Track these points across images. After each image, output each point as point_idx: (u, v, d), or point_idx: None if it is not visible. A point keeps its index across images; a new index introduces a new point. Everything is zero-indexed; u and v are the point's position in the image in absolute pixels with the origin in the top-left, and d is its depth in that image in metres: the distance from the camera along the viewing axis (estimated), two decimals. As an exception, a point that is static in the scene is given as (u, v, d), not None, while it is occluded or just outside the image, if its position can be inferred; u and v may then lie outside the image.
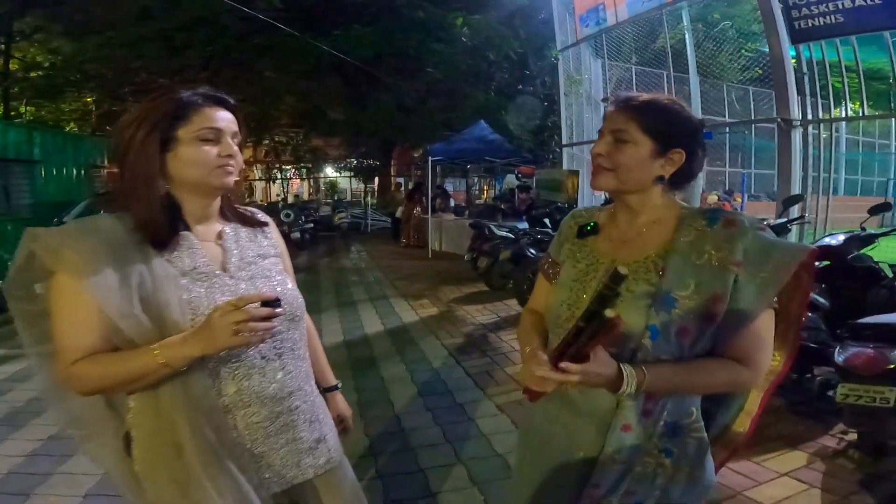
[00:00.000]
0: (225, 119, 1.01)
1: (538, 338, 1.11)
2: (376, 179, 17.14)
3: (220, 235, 1.07)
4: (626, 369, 0.88)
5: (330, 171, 24.59)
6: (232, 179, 1.02)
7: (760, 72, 8.35)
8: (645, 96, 1.01)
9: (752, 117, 11.78)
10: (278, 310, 0.92)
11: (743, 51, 8.93)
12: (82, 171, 8.97)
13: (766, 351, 0.95)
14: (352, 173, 21.10)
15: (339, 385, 1.36)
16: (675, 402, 0.98)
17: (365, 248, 11.68)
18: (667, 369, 0.92)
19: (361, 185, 20.24)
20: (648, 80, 8.55)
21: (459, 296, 6.51)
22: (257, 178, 23.96)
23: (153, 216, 0.95)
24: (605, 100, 9.00)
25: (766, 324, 0.94)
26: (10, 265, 0.94)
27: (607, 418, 0.98)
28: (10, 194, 7.01)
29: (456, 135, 11.08)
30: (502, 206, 12.23)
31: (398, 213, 12.04)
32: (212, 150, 0.98)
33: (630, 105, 1.00)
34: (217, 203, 1.08)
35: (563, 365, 0.85)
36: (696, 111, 7.23)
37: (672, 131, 0.98)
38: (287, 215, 11.43)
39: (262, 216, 1.19)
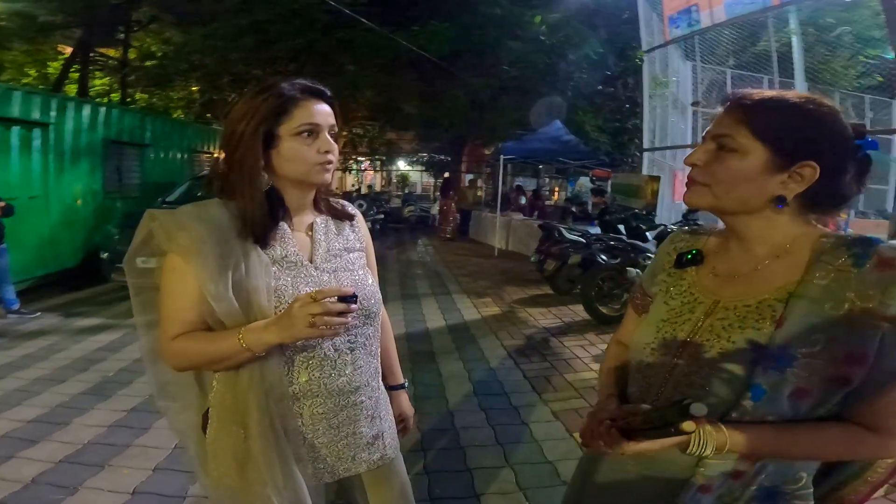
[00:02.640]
0: (322, 113, 1.03)
1: (615, 381, 0.99)
2: (446, 174, 17.29)
3: (310, 227, 1.11)
4: (702, 430, 0.72)
5: (402, 165, 25.18)
6: (329, 177, 1.05)
7: (881, 79, 7.48)
8: (767, 93, 0.79)
9: (868, 127, 10.61)
10: (353, 305, 0.93)
11: (860, 57, 8.04)
12: (185, 155, 9.82)
13: None
14: (423, 167, 21.45)
15: (406, 385, 1.37)
16: (781, 464, 0.81)
17: (431, 242, 11.85)
18: (764, 432, 0.75)
19: (431, 180, 20.55)
20: (747, 85, 7.92)
21: (523, 297, 6.43)
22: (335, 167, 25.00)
23: (255, 210, 1.00)
24: (695, 104, 8.48)
25: None
26: (115, 238, 1.03)
27: (683, 476, 0.83)
28: (123, 174, 7.81)
29: (529, 134, 10.91)
30: (574, 209, 11.93)
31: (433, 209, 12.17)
32: (310, 148, 1.01)
33: (741, 104, 0.79)
34: (312, 195, 1.12)
35: (627, 444, 0.77)
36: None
37: (801, 137, 0.75)
38: (360, 205, 11.86)
39: (351, 210, 1.22)
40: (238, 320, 0.96)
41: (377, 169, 25.49)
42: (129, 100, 12.88)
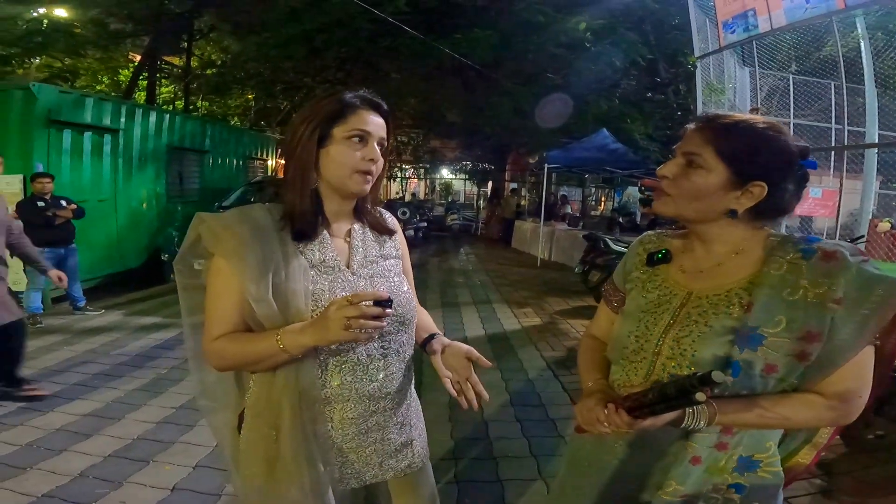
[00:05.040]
0: (375, 123, 1.05)
1: (599, 370, 1.07)
2: (490, 183, 17.24)
3: (349, 233, 1.12)
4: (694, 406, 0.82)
5: (446, 173, 25.34)
6: (367, 186, 1.07)
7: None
8: (735, 116, 0.90)
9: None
10: (388, 310, 0.94)
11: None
12: (240, 161, 10.29)
13: (863, 389, 0.86)
14: (466, 176, 21.51)
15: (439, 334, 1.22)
16: (753, 434, 0.92)
17: (474, 250, 11.84)
18: (742, 405, 0.86)
19: (475, 189, 20.56)
20: (811, 91, 7.49)
21: (565, 308, 6.32)
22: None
23: (302, 207, 1.03)
24: (754, 110, 8.09)
25: (864, 360, 0.85)
26: (175, 240, 1.10)
27: (673, 450, 0.93)
28: (184, 179, 8.27)
29: (575, 142, 10.74)
30: (621, 220, 11.62)
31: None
32: (356, 153, 1.03)
33: (710, 126, 0.90)
34: (351, 205, 1.14)
35: (634, 422, 0.84)
36: (872, 125, 6.20)
37: (756, 160, 0.87)
38: (403, 213, 12.01)
39: (390, 219, 1.23)
40: (276, 322, 0.98)
41: (421, 177, 25.78)
42: (191, 107, 13.53)
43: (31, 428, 2.86)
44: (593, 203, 17.76)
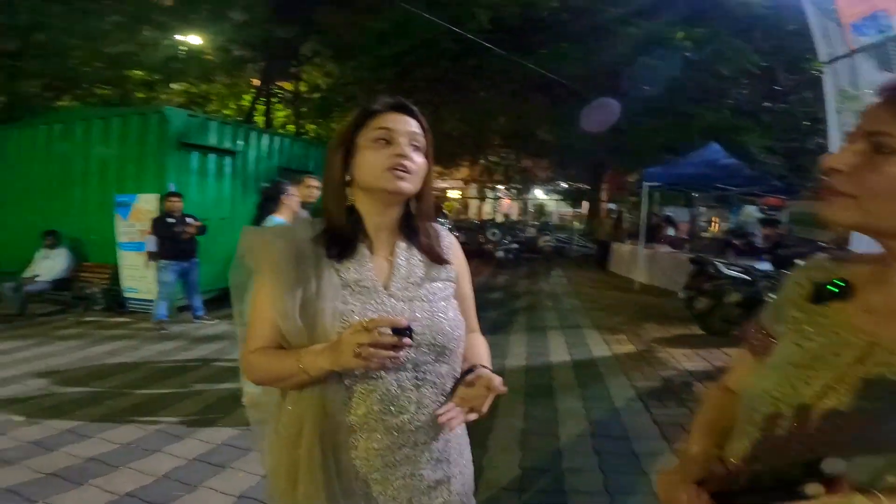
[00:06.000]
0: (400, 121, 1.00)
1: (715, 433, 0.82)
2: (585, 204, 16.57)
3: (391, 251, 1.05)
4: (843, 499, 0.54)
5: (538, 193, 24.86)
6: (406, 185, 0.98)
7: None
8: None
9: None
10: (406, 339, 0.86)
11: None
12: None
13: None
14: (560, 196, 20.89)
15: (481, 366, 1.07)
16: None
17: (566, 273, 11.38)
18: None
19: (569, 209, 19.92)
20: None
21: (664, 336, 5.80)
22: (471, 195, 25.75)
23: (338, 224, 1.00)
24: None
25: None
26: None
27: None
28: (292, 199, 8.96)
29: (679, 158, 9.95)
30: (735, 242, 10.46)
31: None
32: (383, 152, 0.97)
33: None
34: (396, 215, 1.05)
35: None
36: None
37: None
38: (493, 234, 11.95)
39: (445, 237, 1.13)
40: (302, 341, 0.94)
41: (513, 197, 25.57)
42: (301, 130, 14.63)
43: (135, 427, 3.14)
44: (704, 224, 16.26)
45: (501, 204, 25.75)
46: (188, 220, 5.79)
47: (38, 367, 4.23)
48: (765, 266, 6.24)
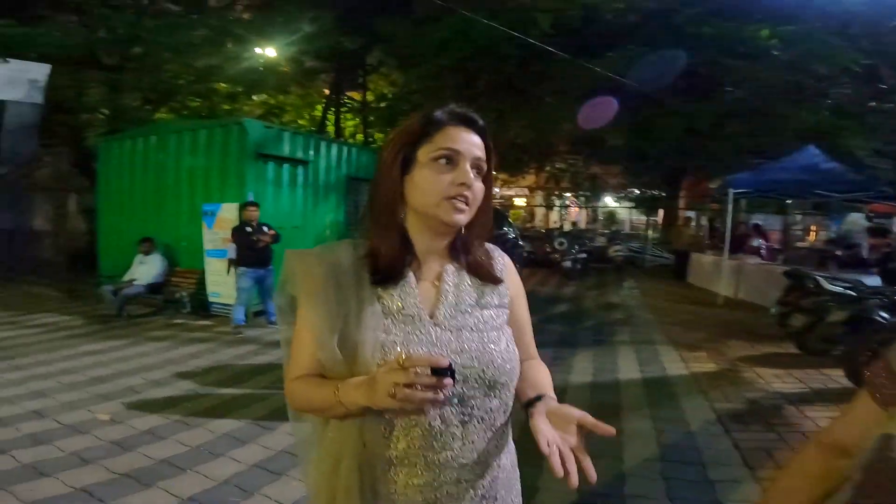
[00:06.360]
0: (467, 141, 0.90)
1: (805, 494, 0.69)
2: (660, 212, 15.61)
3: (439, 276, 0.96)
4: None
5: (609, 201, 23.84)
6: (463, 217, 0.90)
7: None
8: None
9: None
10: (447, 380, 0.77)
11: None
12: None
13: None
14: (632, 204, 19.85)
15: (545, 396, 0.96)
16: None
17: (639, 285, 10.77)
18: None
19: (643, 217, 18.87)
20: None
21: (751, 354, 5.32)
22: (537, 204, 25.21)
23: (387, 247, 0.92)
24: None
25: None
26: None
27: None
28: (359, 207, 9.23)
29: (769, 162, 9.11)
30: (838, 253, 9.38)
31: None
32: (445, 177, 0.88)
33: None
34: (446, 240, 0.97)
35: None
36: None
37: None
38: (560, 243, 11.56)
39: (499, 259, 1.04)
40: (340, 372, 0.89)
41: (582, 205, 24.70)
42: (369, 139, 15.05)
43: (205, 431, 3.28)
44: (798, 233, 14.75)
45: (569, 212, 24.99)
46: (264, 228, 6.09)
47: (128, 368, 4.57)
48: (873, 281, 5.54)
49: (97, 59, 10.70)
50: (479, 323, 0.94)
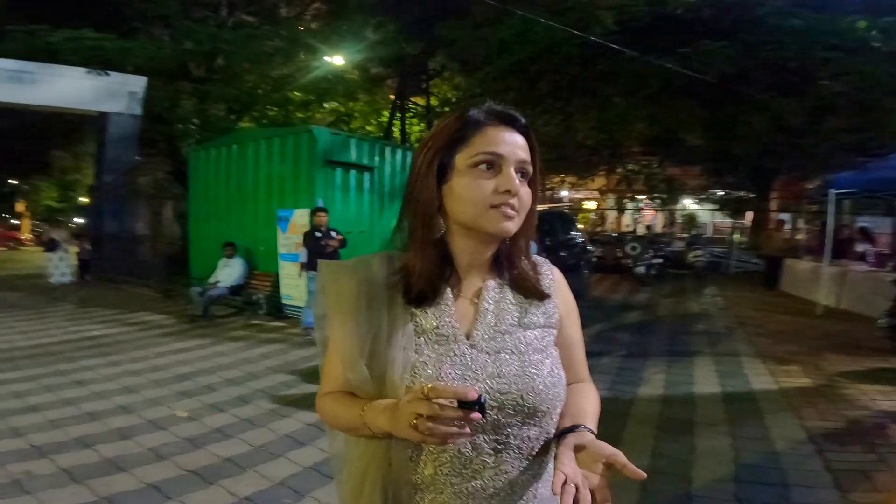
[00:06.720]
0: (509, 143, 0.82)
1: None
2: (748, 214, 14.35)
3: (479, 292, 0.89)
4: None
5: (688, 203, 22.26)
6: (511, 225, 0.82)
7: None
8: None
9: None
10: (475, 415, 0.69)
11: None
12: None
13: None
14: (715, 206, 18.37)
15: (585, 427, 0.87)
16: None
17: (723, 292, 9.96)
18: None
19: (727, 220, 17.41)
20: None
21: (854, 369, 4.76)
22: (608, 207, 24.14)
23: (424, 264, 0.84)
24: None
25: None
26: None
27: None
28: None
29: (877, 160, 8.11)
30: (964, 261, 8.13)
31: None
32: (487, 184, 0.81)
33: None
34: (489, 252, 0.89)
35: None
36: None
37: None
38: (633, 248, 10.98)
39: (547, 273, 0.95)
40: (369, 391, 0.84)
41: (657, 208, 23.34)
42: None
43: (268, 431, 3.38)
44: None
45: (643, 215, 23.68)
46: (332, 233, 6.30)
47: (208, 366, 4.86)
48: None
49: (188, 72, 11.71)
50: (520, 345, 0.86)
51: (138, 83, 11.07)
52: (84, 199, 18.09)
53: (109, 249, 11.30)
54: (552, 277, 0.94)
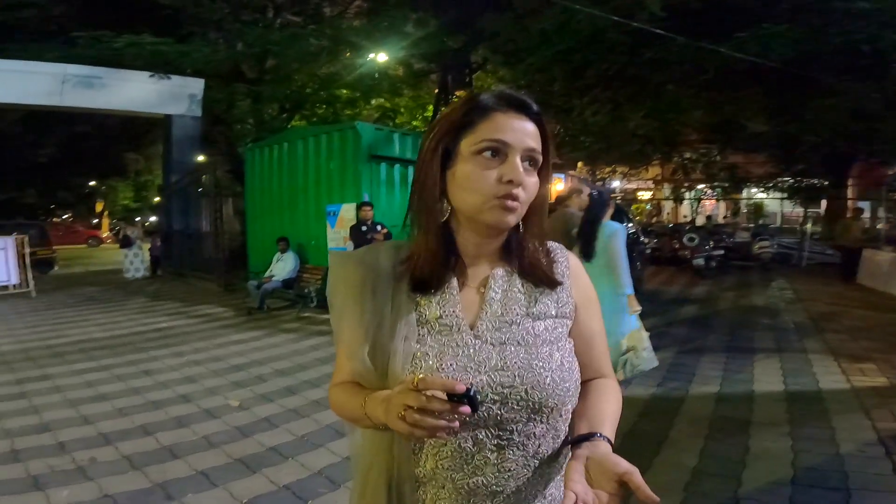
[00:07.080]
0: (516, 130, 0.79)
1: None
2: (822, 203, 13.21)
3: (485, 281, 0.86)
4: None
5: (755, 192, 20.75)
6: (513, 218, 0.79)
7: None
8: None
9: None
10: (463, 408, 0.67)
11: None
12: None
13: None
14: (784, 194, 16.99)
15: (601, 435, 0.81)
16: None
17: (792, 285, 9.28)
18: None
19: (798, 209, 16.09)
20: None
21: None
22: (665, 196, 23.01)
23: (427, 251, 0.83)
24: None
25: None
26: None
27: None
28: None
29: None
30: None
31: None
32: (490, 173, 0.78)
33: None
34: (496, 243, 0.87)
35: None
36: None
37: None
38: (691, 239, 10.43)
39: (561, 261, 0.91)
40: (371, 382, 0.84)
41: (719, 197, 21.94)
42: None
43: (311, 421, 3.47)
44: None
45: (703, 205, 22.34)
46: (377, 227, 6.43)
47: (261, 357, 5.08)
48: None
49: (241, 73, 12.24)
50: (527, 336, 0.83)
51: (197, 86, 11.67)
52: (156, 199, 19.43)
53: (178, 245, 12.03)
54: (567, 264, 0.90)
